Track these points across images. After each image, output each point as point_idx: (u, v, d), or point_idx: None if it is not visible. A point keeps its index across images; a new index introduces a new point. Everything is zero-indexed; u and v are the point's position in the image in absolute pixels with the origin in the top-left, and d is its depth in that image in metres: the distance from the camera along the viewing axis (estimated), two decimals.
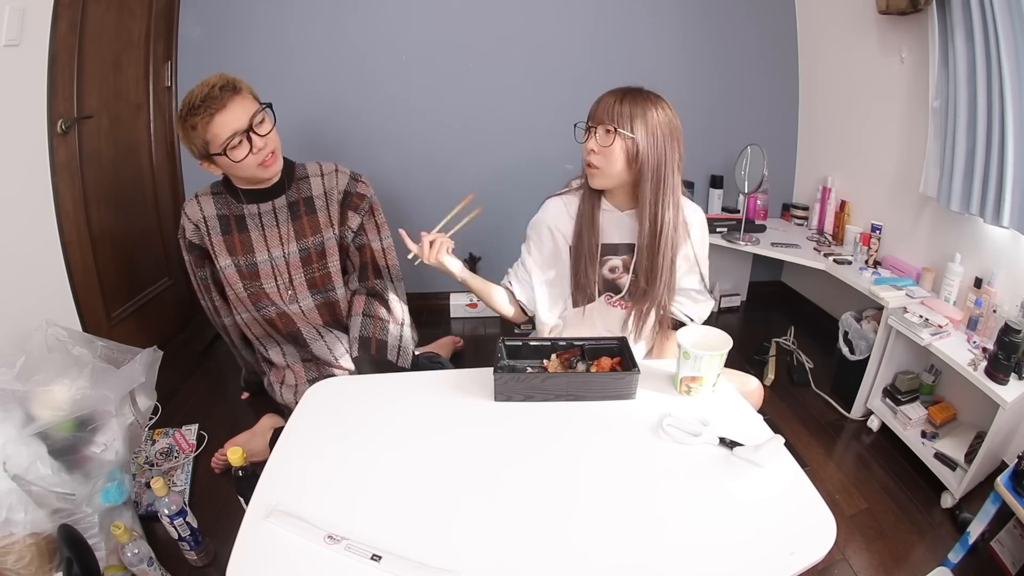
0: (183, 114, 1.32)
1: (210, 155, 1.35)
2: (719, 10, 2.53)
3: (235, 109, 1.32)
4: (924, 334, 1.67)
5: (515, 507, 0.77)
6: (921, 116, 1.96)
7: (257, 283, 1.50)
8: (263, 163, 1.38)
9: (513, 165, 2.58)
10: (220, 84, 1.32)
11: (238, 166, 1.36)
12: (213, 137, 1.32)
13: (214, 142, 1.32)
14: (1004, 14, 1.51)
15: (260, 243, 1.49)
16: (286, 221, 1.50)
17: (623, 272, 1.32)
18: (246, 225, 1.48)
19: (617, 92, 1.18)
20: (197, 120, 1.30)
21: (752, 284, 2.95)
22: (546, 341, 1.14)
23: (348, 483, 0.80)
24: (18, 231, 1.57)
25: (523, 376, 0.99)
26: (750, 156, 2.31)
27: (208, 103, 1.29)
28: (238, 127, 1.32)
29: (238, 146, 1.33)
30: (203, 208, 1.48)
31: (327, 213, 1.53)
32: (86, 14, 1.77)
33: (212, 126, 1.30)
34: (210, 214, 1.48)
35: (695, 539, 0.73)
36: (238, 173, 1.40)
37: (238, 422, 1.77)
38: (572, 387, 0.99)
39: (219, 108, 1.30)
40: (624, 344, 1.10)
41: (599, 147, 1.17)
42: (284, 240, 1.50)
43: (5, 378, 1.22)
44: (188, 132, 1.33)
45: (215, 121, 1.30)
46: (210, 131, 1.31)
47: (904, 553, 1.47)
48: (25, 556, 1.11)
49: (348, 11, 2.33)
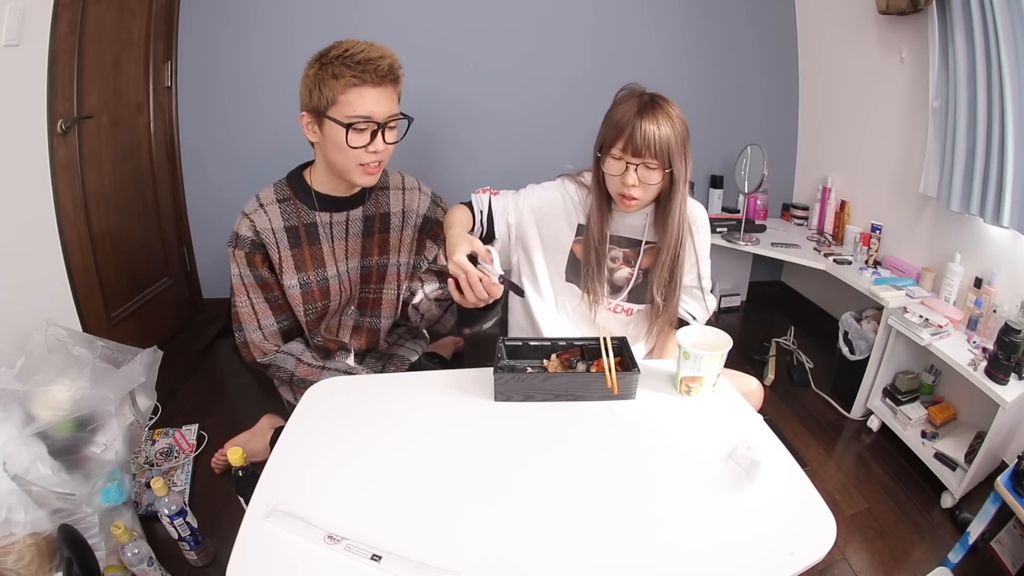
0: (332, 56, 1.09)
1: (325, 114, 1.11)
2: (719, 10, 2.53)
3: (387, 97, 1.13)
4: (924, 334, 1.67)
5: (515, 507, 0.77)
6: (921, 116, 1.96)
7: (325, 302, 1.30)
8: (367, 168, 1.16)
9: (513, 165, 2.57)
10: (391, 61, 1.12)
11: (343, 152, 1.12)
12: (347, 103, 1.09)
13: (343, 108, 1.09)
14: (1004, 14, 1.51)
15: (330, 256, 1.27)
16: (357, 235, 1.29)
17: (622, 264, 1.32)
18: (317, 236, 1.25)
19: (648, 115, 1.10)
20: (345, 73, 1.07)
21: (752, 284, 2.95)
22: (546, 341, 1.13)
23: (348, 483, 0.80)
24: (18, 231, 1.57)
25: (523, 376, 0.99)
26: (750, 156, 2.32)
27: (368, 68, 1.08)
28: (375, 114, 1.11)
29: (362, 132, 1.11)
30: (271, 219, 1.22)
31: (399, 235, 1.34)
32: (86, 14, 1.77)
33: (356, 92, 1.09)
34: (278, 226, 1.22)
35: (695, 539, 0.73)
36: (335, 158, 1.15)
37: (238, 422, 1.77)
38: (572, 387, 0.99)
39: (376, 82, 1.09)
40: (624, 344, 1.10)
41: (641, 183, 1.14)
42: (349, 254, 1.30)
43: (5, 378, 1.22)
44: (322, 76, 1.09)
45: (363, 92, 1.09)
46: (350, 95, 1.09)
47: (904, 553, 1.47)
48: (25, 556, 1.11)
49: (348, 11, 2.33)
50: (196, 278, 2.61)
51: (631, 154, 1.11)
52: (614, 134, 1.13)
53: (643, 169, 1.13)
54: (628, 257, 1.31)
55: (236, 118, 2.40)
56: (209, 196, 2.48)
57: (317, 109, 1.12)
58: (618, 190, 1.17)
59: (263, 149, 2.42)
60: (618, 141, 1.13)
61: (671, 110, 1.13)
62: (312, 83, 1.11)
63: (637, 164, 1.12)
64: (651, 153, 1.10)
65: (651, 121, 1.10)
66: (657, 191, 1.18)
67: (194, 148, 2.42)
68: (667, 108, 1.13)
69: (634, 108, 1.12)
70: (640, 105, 1.12)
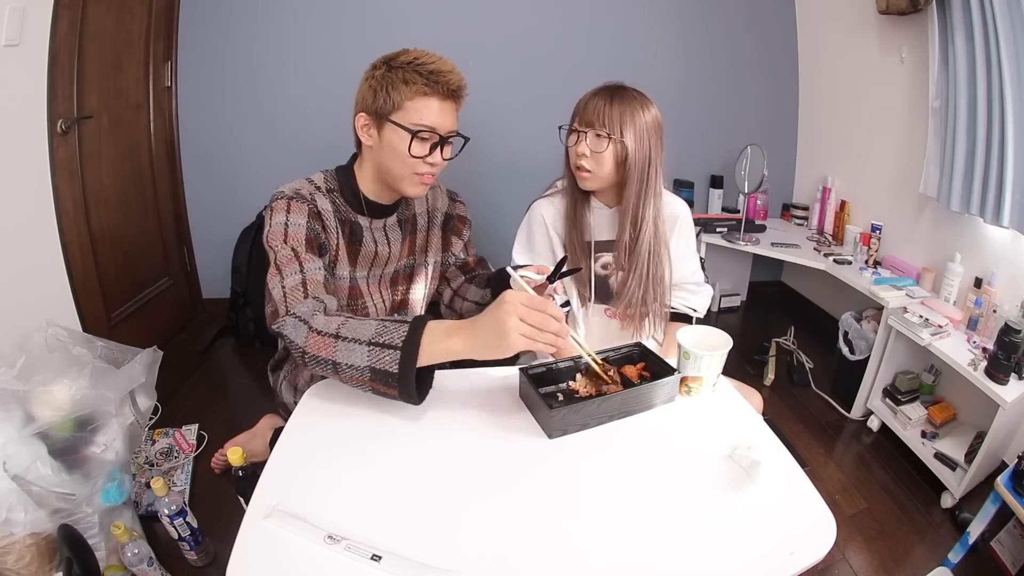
0: (402, 61, 1.06)
1: (388, 118, 1.06)
2: (719, 10, 2.53)
3: (450, 111, 1.10)
4: (924, 334, 1.67)
5: (515, 507, 0.77)
6: (921, 116, 1.96)
7: (361, 301, 1.24)
8: (422, 178, 1.12)
9: (512, 165, 2.57)
10: (461, 78, 1.10)
11: (402, 160, 1.08)
12: (413, 110, 1.05)
13: (409, 115, 1.06)
14: (1004, 14, 1.51)
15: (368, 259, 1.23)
16: (398, 240, 1.26)
17: (615, 269, 1.32)
18: (361, 236, 1.20)
19: (604, 93, 1.18)
20: (417, 80, 1.04)
21: (752, 284, 2.95)
22: (569, 361, 1.05)
23: (348, 483, 0.80)
24: (18, 231, 1.57)
25: (579, 406, 0.92)
26: (750, 156, 2.32)
27: (440, 80, 1.05)
28: (440, 127, 1.08)
29: (424, 142, 1.08)
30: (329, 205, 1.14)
31: (427, 235, 1.32)
32: (86, 14, 1.77)
33: (424, 101, 1.05)
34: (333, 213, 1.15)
35: (695, 539, 0.72)
36: (391, 165, 1.11)
37: (238, 422, 1.77)
38: (626, 404, 0.95)
39: (444, 95, 1.07)
40: (644, 349, 1.08)
41: (591, 151, 1.18)
42: (391, 260, 1.26)
43: (5, 378, 1.22)
44: (392, 79, 1.05)
45: (432, 101, 1.06)
46: (418, 102, 1.05)
47: (904, 553, 1.47)
48: (25, 556, 1.11)
49: (348, 11, 2.33)
50: (196, 278, 2.61)
51: (582, 124, 1.19)
52: (574, 111, 1.23)
53: (592, 138, 1.18)
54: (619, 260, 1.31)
55: (236, 118, 2.40)
56: (209, 196, 2.48)
57: (380, 112, 1.07)
58: (573, 162, 1.23)
59: (263, 149, 2.43)
60: (576, 116, 1.22)
61: (634, 97, 1.18)
62: (379, 84, 1.06)
63: (586, 131, 1.18)
64: (600, 123, 1.16)
65: (603, 97, 1.17)
66: (609, 165, 1.19)
67: (194, 148, 2.42)
68: (629, 93, 1.19)
69: (596, 89, 1.21)
70: (602, 87, 1.20)
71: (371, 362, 0.87)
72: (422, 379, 0.89)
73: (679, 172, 2.68)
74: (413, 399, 0.88)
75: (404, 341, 0.86)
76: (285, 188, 1.11)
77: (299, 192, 1.10)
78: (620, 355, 1.07)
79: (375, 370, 0.86)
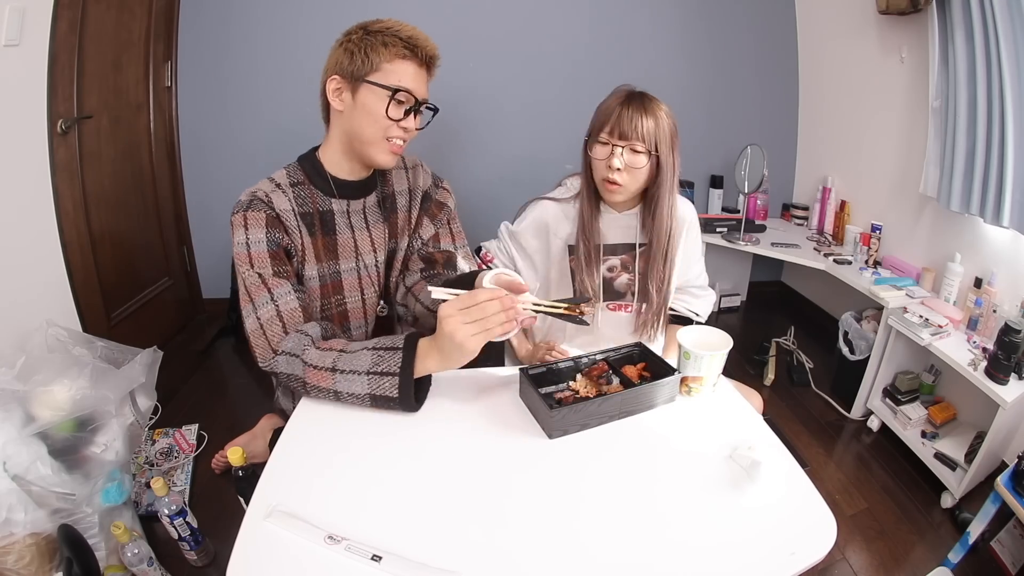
0: (379, 27, 1.05)
1: (365, 79, 1.04)
2: (719, 10, 2.53)
3: (424, 79, 1.09)
4: (924, 334, 1.67)
5: (516, 507, 0.77)
6: (921, 116, 1.96)
7: (339, 297, 1.18)
8: (391, 144, 1.08)
9: (512, 165, 2.57)
10: (436, 50, 1.09)
11: (376, 122, 1.05)
12: (392, 71, 1.03)
13: (388, 76, 1.03)
14: (1004, 14, 1.51)
15: (349, 248, 1.17)
16: (378, 222, 1.20)
17: (621, 271, 1.32)
18: (334, 225, 1.15)
19: (636, 104, 1.15)
20: (397, 43, 1.03)
21: (752, 284, 2.95)
22: (569, 361, 1.06)
23: (348, 484, 0.80)
24: (18, 231, 1.57)
25: (579, 406, 0.92)
26: (750, 156, 2.32)
27: (418, 45, 1.05)
28: (416, 92, 1.06)
29: (400, 105, 1.05)
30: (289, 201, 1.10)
31: (407, 215, 1.25)
32: (86, 14, 1.77)
33: (403, 65, 1.04)
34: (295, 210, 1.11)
35: (696, 539, 0.72)
36: (364, 129, 1.07)
37: (238, 422, 1.77)
38: (626, 404, 0.95)
39: (420, 62, 1.06)
40: (644, 350, 1.08)
41: (627, 167, 1.16)
42: (377, 245, 1.20)
43: (5, 378, 1.22)
44: (370, 41, 1.03)
45: (410, 65, 1.05)
46: (396, 65, 1.03)
47: (904, 553, 1.47)
48: (25, 556, 1.11)
49: (348, 11, 2.31)
50: (196, 278, 2.61)
51: (617, 137, 1.15)
52: (602, 120, 1.18)
53: (629, 153, 1.15)
54: (626, 263, 1.31)
55: (236, 118, 2.40)
56: (209, 196, 2.48)
57: (356, 74, 1.04)
58: (603, 175, 1.19)
59: (263, 149, 2.43)
60: (605, 126, 1.17)
61: (658, 105, 1.17)
62: (356, 47, 1.04)
63: (623, 146, 1.15)
64: (637, 136, 1.13)
65: (637, 109, 1.14)
66: (643, 179, 1.19)
67: (194, 148, 2.42)
68: (654, 102, 1.17)
69: (621, 98, 1.17)
70: (627, 95, 1.17)
71: (371, 390, 0.90)
72: (419, 387, 0.93)
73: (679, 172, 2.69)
74: (412, 410, 0.93)
75: (401, 368, 0.89)
76: (243, 195, 1.08)
77: (255, 196, 1.07)
78: (620, 355, 1.07)
79: (375, 396, 0.91)
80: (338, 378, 0.92)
